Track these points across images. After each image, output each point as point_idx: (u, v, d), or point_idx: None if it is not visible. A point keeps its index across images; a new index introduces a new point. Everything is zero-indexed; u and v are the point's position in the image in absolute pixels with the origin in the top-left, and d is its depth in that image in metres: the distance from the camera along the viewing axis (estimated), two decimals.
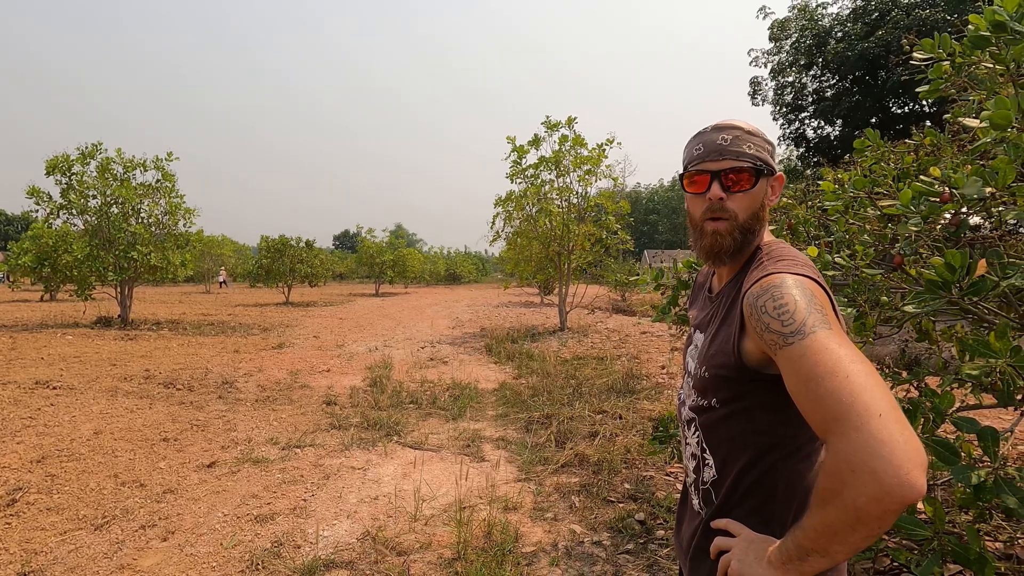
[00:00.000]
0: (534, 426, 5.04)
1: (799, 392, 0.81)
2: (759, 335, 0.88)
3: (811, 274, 0.92)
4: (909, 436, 0.69)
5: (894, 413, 0.71)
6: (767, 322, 0.86)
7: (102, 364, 7.98)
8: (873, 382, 0.74)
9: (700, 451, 1.07)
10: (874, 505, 0.69)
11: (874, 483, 0.68)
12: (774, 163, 1.04)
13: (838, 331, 0.82)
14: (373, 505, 3.44)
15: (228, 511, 3.29)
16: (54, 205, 11.90)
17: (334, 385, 6.88)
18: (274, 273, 23.12)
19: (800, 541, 0.80)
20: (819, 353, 0.78)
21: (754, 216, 1.03)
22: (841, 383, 0.75)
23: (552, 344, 10.34)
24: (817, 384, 0.77)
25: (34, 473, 3.78)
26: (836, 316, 0.88)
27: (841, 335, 0.82)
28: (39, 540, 2.92)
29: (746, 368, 0.94)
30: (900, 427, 0.70)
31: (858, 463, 0.70)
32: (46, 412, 5.19)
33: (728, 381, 0.98)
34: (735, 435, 0.99)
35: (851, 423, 0.72)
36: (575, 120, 11.37)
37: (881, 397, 0.73)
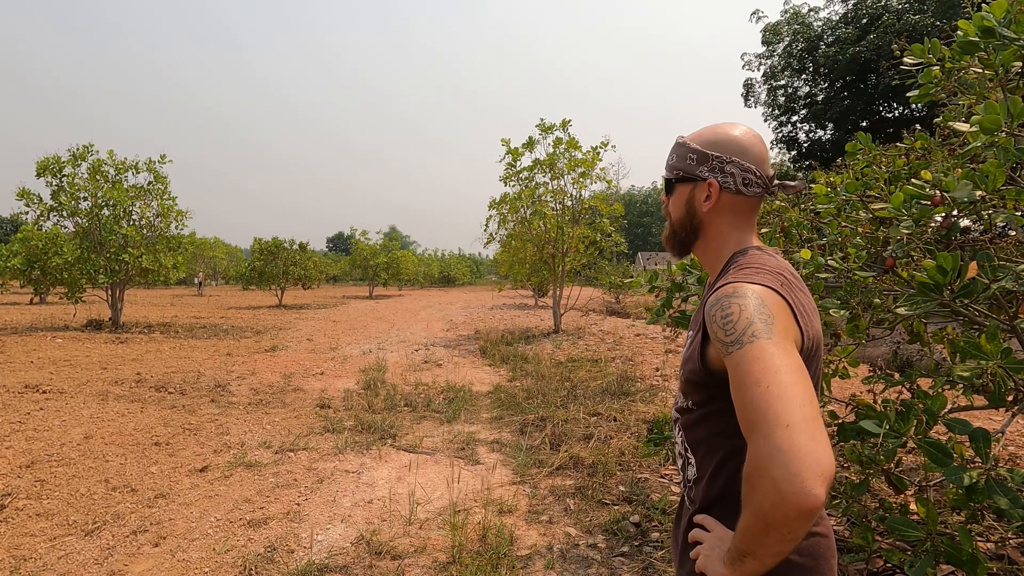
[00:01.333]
0: (529, 428, 5.04)
1: (734, 397, 0.84)
2: (714, 342, 0.92)
3: (770, 283, 0.94)
4: (812, 447, 0.71)
5: (804, 424, 0.73)
6: (715, 330, 0.90)
7: (93, 368, 7.91)
8: (792, 393, 0.76)
9: (684, 450, 1.11)
10: (775, 511, 0.72)
11: (773, 490, 0.72)
12: (697, 170, 1.08)
13: (779, 341, 0.84)
14: (367, 509, 3.42)
15: (221, 516, 3.26)
16: (44, 207, 11.81)
17: (328, 388, 6.85)
18: (267, 275, 23.02)
19: (736, 543, 0.84)
20: (751, 362, 0.82)
21: (680, 219, 1.12)
22: (762, 393, 0.78)
23: (546, 346, 10.35)
24: (743, 392, 0.81)
25: (23, 478, 3.74)
26: (796, 324, 0.91)
27: (781, 345, 0.83)
28: (28, 546, 2.88)
29: (711, 373, 0.98)
30: (806, 438, 0.72)
31: (763, 469, 0.74)
32: (35, 416, 5.13)
33: (698, 385, 1.02)
34: (710, 435, 1.03)
35: (761, 431, 0.75)
36: (569, 123, 11.40)
37: (795, 408, 0.75)
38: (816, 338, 0.98)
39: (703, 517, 1.03)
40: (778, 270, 1.00)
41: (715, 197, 1.07)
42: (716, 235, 1.10)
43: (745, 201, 1.08)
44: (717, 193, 1.07)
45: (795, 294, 0.97)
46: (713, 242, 1.10)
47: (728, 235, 1.09)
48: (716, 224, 1.09)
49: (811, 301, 1.02)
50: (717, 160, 1.07)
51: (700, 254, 1.15)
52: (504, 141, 11.88)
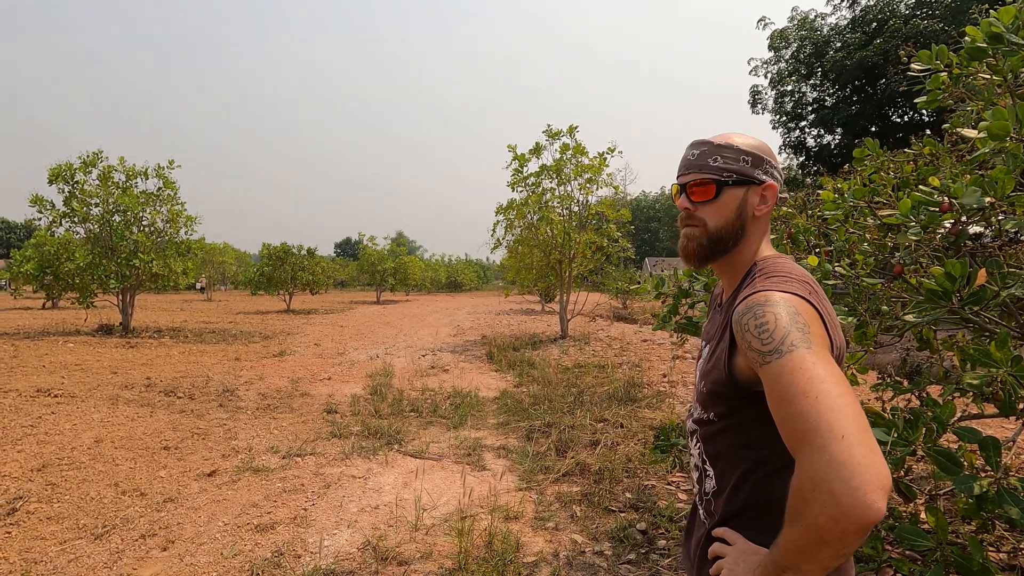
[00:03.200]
0: (535, 435, 5.03)
1: (775, 409, 0.82)
2: (744, 352, 0.90)
3: (799, 291, 0.92)
4: (872, 459, 0.70)
5: (859, 435, 0.72)
6: (749, 340, 0.88)
7: (103, 372, 7.98)
8: (842, 403, 0.75)
9: (701, 463, 1.09)
10: (833, 525, 0.70)
11: (832, 503, 0.70)
12: (755, 173, 1.05)
13: (818, 350, 0.83)
14: (374, 514, 3.43)
15: (228, 520, 3.28)
16: (57, 213, 11.96)
17: (335, 393, 6.88)
18: (275, 280, 23.15)
19: (776, 557, 0.82)
20: (793, 373, 0.80)
21: (727, 224, 1.05)
22: (811, 404, 0.76)
23: (553, 352, 10.33)
24: (789, 403, 0.79)
25: (35, 482, 3.77)
26: (827, 333, 0.90)
27: (821, 354, 0.82)
28: (39, 549, 2.91)
29: (738, 384, 0.96)
30: (864, 449, 0.70)
31: (819, 483, 0.71)
32: (47, 420, 5.19)
33: (722, 396, 1.00)
34: (731, 448, 1.01)
35: (815, 444, 0.73)
36: (576, 129, 11.43)
37: (848, 419, 0.73)
38: (842, 347, 0.96)
39: (724, 530, 1.00)
40: (804, 278, 0.98)
41: (771, 200, 1.06)
42: (751, 243, 1.07)
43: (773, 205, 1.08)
44: (774, 197, 1.06)
45: (823, 303, 0.95)
46: (746, 250, 1.07)
47: (759, 243, 1.08)
48: (755, 231, 1.07)
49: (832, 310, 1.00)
50: (768, 165, 1.06)
51: (725, 263, 1.10)
52: (511, 147, 11.93)
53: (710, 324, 1.20)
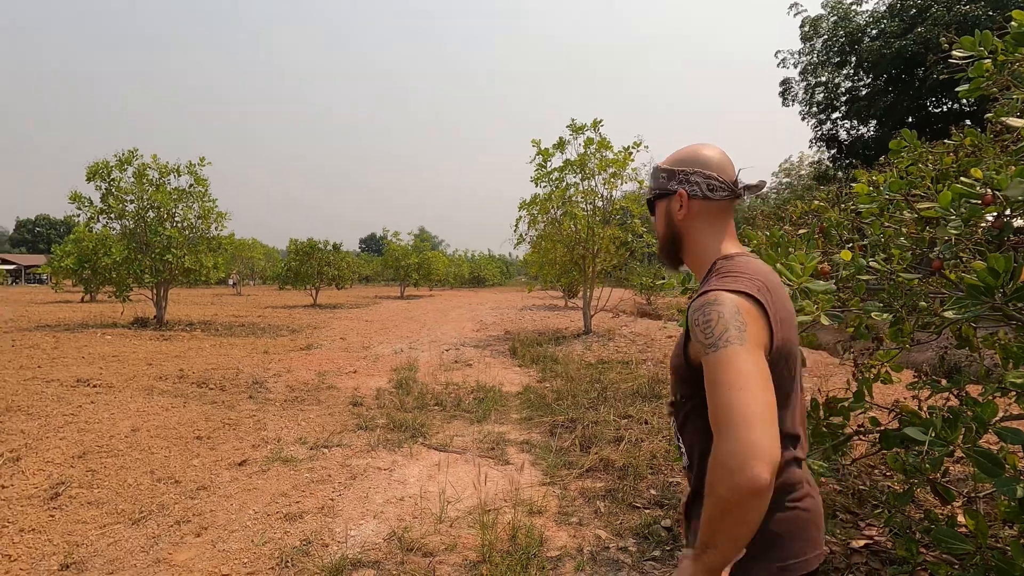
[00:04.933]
0: (559, 430, 5.03)
1: (707, 395, 0.97)
2: (693, 342, 1.05)
3: (748, 289, 1.03)
4: (762, 439, 0.86)
5: (760, 423, 0.88)
6: (696, 332, 1.02)
7: (139, 363, 8.25)
8: (751, 398, 0.90)
9: (677, 440, 1.22)
10: (731, 495, 0.86)
11: (728, 476, 0.86)
12: (669, 185, 1.21)
13: (750, 348, 0.96)
14: (399, 506, 3.47)
15: (259, 509, 3.36)
16: (94, 210, 12.37)
17: (360, 386, 6.98)
18: (302, 275, 23.56)
19: (700, 538, 0.95)
20: (722, 365, 0.94)
21: (663, 233, 1.26)
22: (727, 394, 0.91)
23: (576, 347, 10.30)
24: (714, 391, 0.94)
25: (76, 468, 3.92)
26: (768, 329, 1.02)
27: (751, 352, 0.95)
28: (80, 532, 3.03)
29: (692, 368, 1.08)
30: (759, 433, 0.87)
31: (722, 462, 0.88)
32: (87, 409, 5.38)
33: (683, 380, 1.13)
34: (694, 427, 1.13)
35: (726, 429, 0.89)
36: (600, 123, 11.32)
37: (755, 411, 0.89)
38: (787, 342, 1.07)
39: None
40: (757, 276, 1.08)
41: (686, 204, 1.19)
42: (695, 241, 1.21)
43: (715, 205, 1.18)
44: (686, 200, 1.19)
45: (773, 301, 1.06)
46: (694, 248, 1.21)
47: (706, 240, 1.20)
48: (693, 231, 1.21)
49: (789, 307, 1.12)
50: (683, 173, 1.20)
51: (688, 262, 1.24)
52: (535, 142, 11.88)
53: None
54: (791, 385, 1.12)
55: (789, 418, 1.11)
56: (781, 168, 48.47)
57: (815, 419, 2.65)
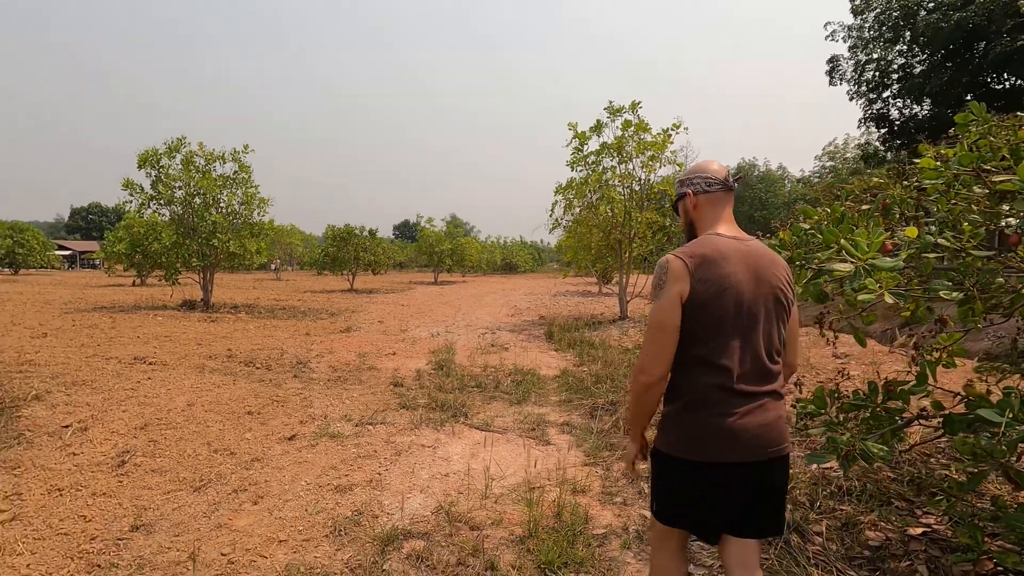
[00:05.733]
0: (599, 412, 5.02)
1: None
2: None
3: (684, 255, 1.58)
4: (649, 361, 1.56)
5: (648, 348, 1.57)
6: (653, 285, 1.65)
7: (189, 343, 8.59)
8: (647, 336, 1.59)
9: None
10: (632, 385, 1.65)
11: (633, 377, 1.63)
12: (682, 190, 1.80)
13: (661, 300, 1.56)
14: (444, 481, 3.54)
15: (310, 480, 3.48)
16: (145, 196, 12.86)
17: (400, 368, 7.10)
18: (339, 261, 24.04)
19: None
20: (651, 312, 1.59)
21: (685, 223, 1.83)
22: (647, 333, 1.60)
23: (613, 332, 10.23)
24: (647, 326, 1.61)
25: (139, 438, 4.13)
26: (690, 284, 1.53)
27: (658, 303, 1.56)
28: (147, 497, 3.20)
29: None
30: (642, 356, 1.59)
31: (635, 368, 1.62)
32: (145, 385, 5.65)
33: None
34: None
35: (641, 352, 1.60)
36: (639, 104, 11.10)
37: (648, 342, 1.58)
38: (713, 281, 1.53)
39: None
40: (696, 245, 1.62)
41: (692, 199, 1.76)
42: (701, 227, 1.74)
43: (713, 196, 1.72)
44: (692, 196, 1.76)
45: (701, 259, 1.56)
46: (700, 231, 1.74)
47: (706, 225, 1.72)
48: (700, 219, 1.75)
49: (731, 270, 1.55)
50: (688, 180, 1.79)
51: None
52: (571, 125, 11.73)
53: None
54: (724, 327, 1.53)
55: (717, 351, 1.53)
56: (825, 151, 46.69)
57: (872, 403, 2.58)
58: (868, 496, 3.12)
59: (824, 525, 2.83)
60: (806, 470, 3.56)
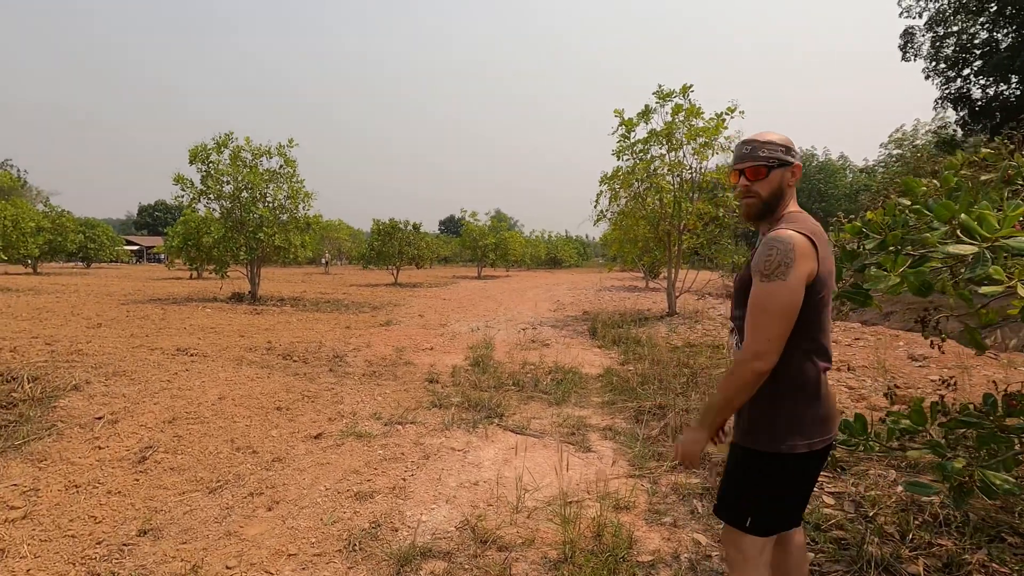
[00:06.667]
0: (645, 417, 4.60)
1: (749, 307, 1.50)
2: (754, 263, 1.51)
3: (806, 232, 1.48)
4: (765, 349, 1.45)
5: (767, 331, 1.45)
6: (759, 259, 1.49)
7: (232, 335, 8.66)
8: (767, 320, 1.45)
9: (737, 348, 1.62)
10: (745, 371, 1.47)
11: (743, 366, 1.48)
12: (789, 157, 1.59)
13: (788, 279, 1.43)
14: (473, 491, 3.23)
15: (330, 485, 3.24)
16: (195, 191, 13.17)
17: (436, 363, 6.87)
18: (384, 255, 24.25)
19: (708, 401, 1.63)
20: (760, 295, 1.46)
21: (772, 194, 1.59)
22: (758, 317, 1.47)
23: (661, 329, 9.70)
24: (753, 308, 1.48)
25: (165, 432, 4.02)
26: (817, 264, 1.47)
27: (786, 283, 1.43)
28: (160, 498, 3.04)
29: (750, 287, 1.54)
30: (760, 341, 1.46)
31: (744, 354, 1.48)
32: (181, 376, 5.62)
33: (743, 294, 1.57)
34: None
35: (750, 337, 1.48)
36: (691, 88, 10.45)
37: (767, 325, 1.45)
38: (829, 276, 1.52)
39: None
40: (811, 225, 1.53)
41: (798, 176, 1.61)
42: (786, 203, 1.61)
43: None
44: (800, 173, 1.61)
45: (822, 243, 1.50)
46: (784, 206, 1.60)
47: (790, 201, 1.61)
48: (788, 195, 1.61)
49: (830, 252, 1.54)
50: (793, 152, 1.61)
51: (772, 218, 1.61)
52: (617, 112, 11.20)
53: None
54: (826, 310, 1.54)
55: (826, 334, 1.55)
56: (891, 139, 43.70)
57: (991, 420, 2.09)
58: (972, 529, 2.61)
59: (921, 565, 2.35)
60: (890, 492, 3.06)
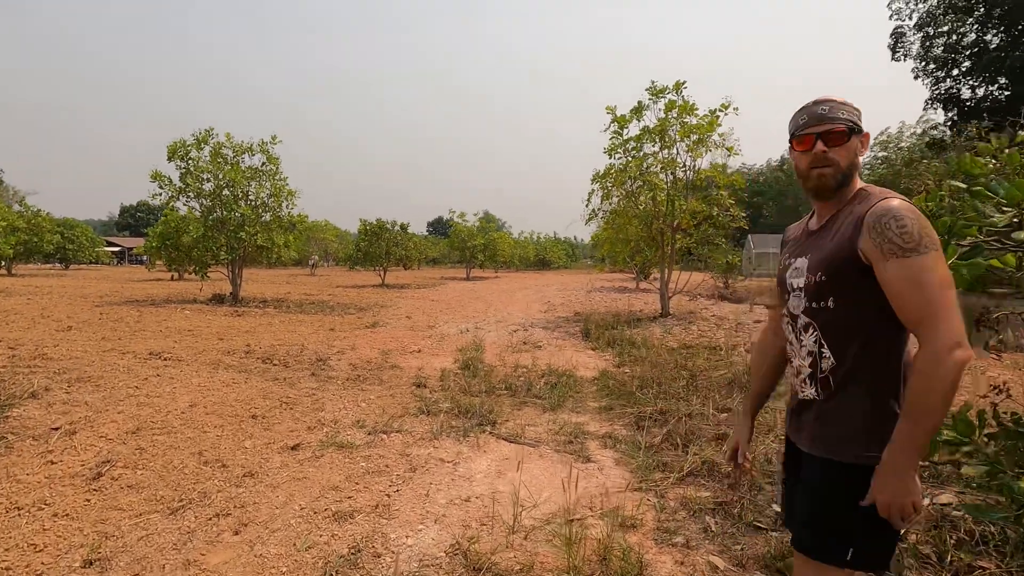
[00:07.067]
0: (646, 423, 4.34)
1: (902, 293, 1.21)
2: (876, 243, 1.24)
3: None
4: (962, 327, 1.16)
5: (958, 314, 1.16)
6: (889, 236, 1.22)
7: (211, 337, 8.28)
8: (953, 295, 1.18)
9: (818, 347, 1.38)
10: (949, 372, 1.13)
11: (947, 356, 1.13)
12: (862, 124, 1.39)
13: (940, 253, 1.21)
14: (464, 508, 2.94)
15: (306, 503, 2.93)
16: (174, 188, 12.71)
17: (424, 367, 6.57)
18: (371, 256, 23.84)
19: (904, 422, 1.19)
20: (924, 267, 1.19)
21: (851, 163, 1.38)
22: (935, 292, 1.17)
23: (655, 331, 9.47)
24: (916, 289, 1.19)
25: (127, 444, 3.68)
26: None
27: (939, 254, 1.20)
28: (113, 521, 2.71)
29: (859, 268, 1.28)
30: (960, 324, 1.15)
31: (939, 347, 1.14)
32: (151, 382, 5.26)
33: (839, 282, 1.32)
34: (847, 326, 1.33)
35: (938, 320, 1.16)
36: (684, 85, 10.26)
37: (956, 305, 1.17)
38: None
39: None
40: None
41: (867, 146, 1.42)
42: (856, 176, 1.41)
43: None
44: (868, 143, 1.42)
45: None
46: (855, 180, 1.41)
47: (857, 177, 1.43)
48: (858, 167, 1.42)
49: None
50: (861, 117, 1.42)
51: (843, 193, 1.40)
52: (609, 108, 10.98)
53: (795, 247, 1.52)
54: None
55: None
56: (877, 141, 44.06)
57: None
58: (1013, 548, 2.38)
59: None
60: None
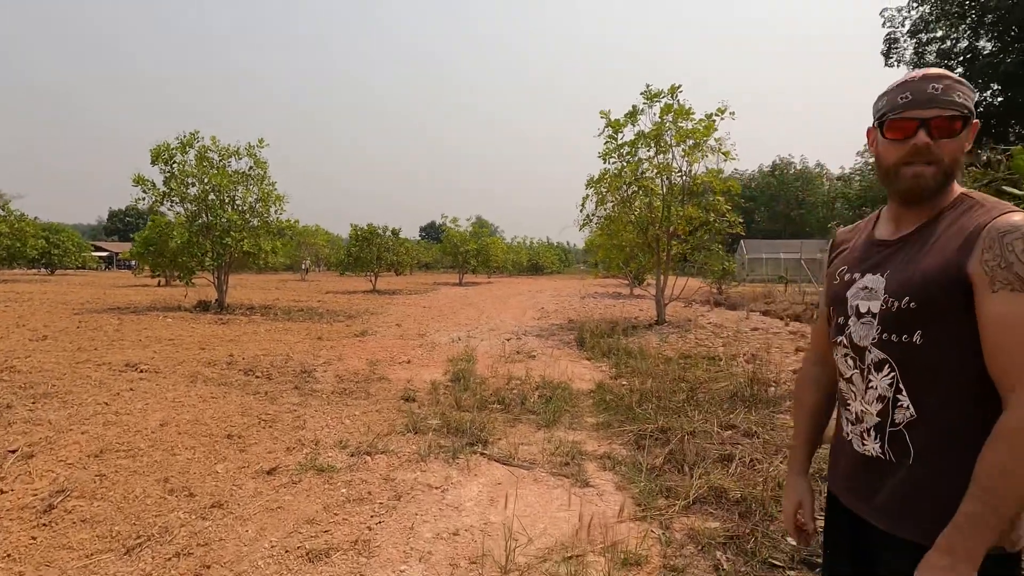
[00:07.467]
0: (646, 441, 4.10)
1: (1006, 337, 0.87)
2: (990, 266, 0.90)
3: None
4: None
5: None
6: (1011, 260, 0.88)
7: (192, 347, 7.97)
8: None
9: (893, 392, 1.01)
10: None
11: None
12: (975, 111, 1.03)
13: None
14: (451, 544, 2.69)
15: (277, 540, 2.66)
16: (158, 193, 12.37)
17: (414, 378, 6.31)
18: (362, 261, 23.52)
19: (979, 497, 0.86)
20: None
21: (956, 161, 1.02)
22: None
23: (652, 339, 9.25)
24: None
25: (87, 470, 3.40)
26: None
27: None
28: (60, 563, 2.43)
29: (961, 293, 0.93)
30: None
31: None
32: (123, 397, 4.97)
33: (938, 309, 0.95)
34: (936, 371, 0.96)
35: None
36: (679, 88, 10.10)
37: None
38: None
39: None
40: None
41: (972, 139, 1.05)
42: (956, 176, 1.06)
43: None
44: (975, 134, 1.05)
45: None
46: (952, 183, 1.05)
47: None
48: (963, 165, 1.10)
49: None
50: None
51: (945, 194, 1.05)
52: (603, 113, 10.80)
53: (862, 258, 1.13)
54: None
55: None
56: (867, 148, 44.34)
57: None
58: None
59: None
60: None
